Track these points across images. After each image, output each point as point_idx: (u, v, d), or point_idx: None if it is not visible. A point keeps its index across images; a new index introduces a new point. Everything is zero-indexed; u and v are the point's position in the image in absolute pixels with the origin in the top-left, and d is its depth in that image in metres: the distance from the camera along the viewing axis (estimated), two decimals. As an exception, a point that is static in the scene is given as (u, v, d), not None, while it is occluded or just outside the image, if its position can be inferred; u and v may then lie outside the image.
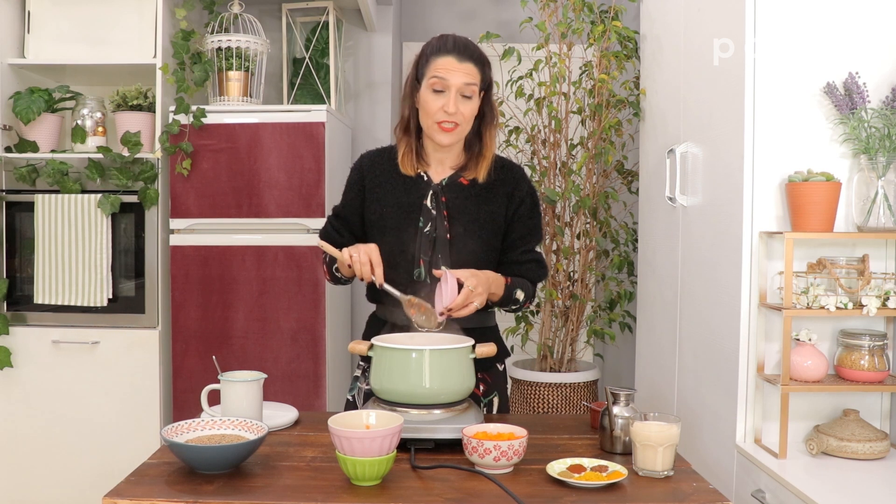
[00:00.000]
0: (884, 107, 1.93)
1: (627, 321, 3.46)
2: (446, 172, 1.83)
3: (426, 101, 1.74)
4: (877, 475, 1.80)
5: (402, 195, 1.81)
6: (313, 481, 1.35)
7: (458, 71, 1.72)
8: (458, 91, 1.73)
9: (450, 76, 1.72)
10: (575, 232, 3.47)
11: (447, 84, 1.72)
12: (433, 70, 1.74)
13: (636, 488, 1.35)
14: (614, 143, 3.40)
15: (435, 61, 1.74)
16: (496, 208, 1.82)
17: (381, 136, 3.66)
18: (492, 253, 1.83)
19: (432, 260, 1.76)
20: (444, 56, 1.74)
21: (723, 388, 2.13)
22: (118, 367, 2.92)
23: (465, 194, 1.81)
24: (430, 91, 1.74)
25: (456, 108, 1.72)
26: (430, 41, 1.79)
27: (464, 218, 1.79)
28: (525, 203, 1.85)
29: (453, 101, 1.72)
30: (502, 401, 1.89)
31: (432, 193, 1.80)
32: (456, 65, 1.73)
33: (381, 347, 1.57)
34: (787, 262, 1.89)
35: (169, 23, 3.01)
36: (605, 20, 3.34)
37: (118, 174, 2.88)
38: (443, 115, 1.73)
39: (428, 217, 1.78)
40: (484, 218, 1.81)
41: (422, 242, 1.77)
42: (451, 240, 1.78)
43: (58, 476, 2.93)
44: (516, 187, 1.85)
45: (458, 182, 1.82)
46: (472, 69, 1.74)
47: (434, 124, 1.75)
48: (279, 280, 2.95)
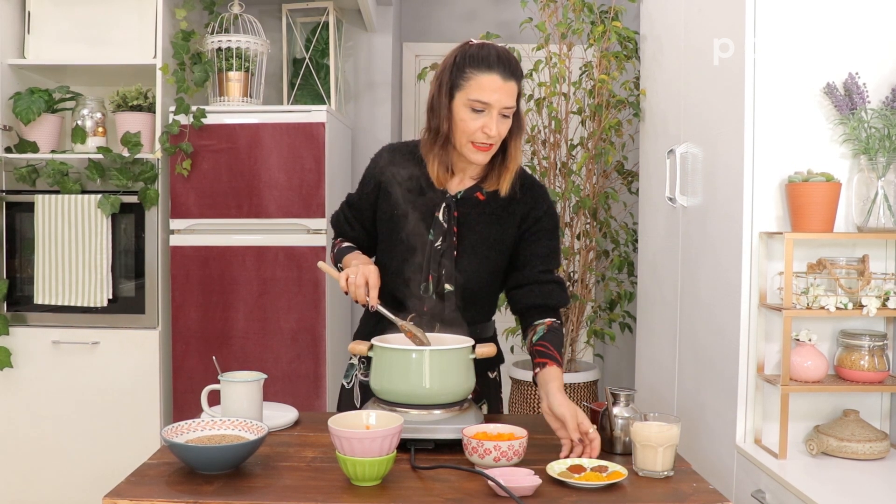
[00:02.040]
0: (884, 107, 1.93)
1: (627, 321, 3.46)
2: (466, 183, 1.74)
3: (463, 120, 1.61)
4: (877, 475, 1.80)
5: (417, 202, 1.72)
6: (313, 482, 1.35)
7: (502, 91, 1.59)
8: (499, 112, 1.61)
9: (493, 98, 1.59)
10: (575, 232, 3.47)
11: (489, 106, 1.59)
12: (475, 88, 1.59)
13: (636, 489, 1.35)
14: (614, 143, 3.40)
15: (477, 77, 1.59)
16: (507, 229, 1.74)
17: (382, 136, 3.66)
18: (496, 275, 1.76)
19: (439, 275, 1.70)
20: (487, 73, 1.59)
21: (723, 388, 2.13)
22: (118, 368, 2.92)
23: (478, 210, 1.73)
24: (468, 109, 1.60)
25: (497, 131, 1.61)
26: (469, 50, 1.63)
27: (473, 236, 1.72)
28: (542, 222, 1.75)
29: (495, 124, 1.60)
30: (493, 409, 1.85)
31: (445, 206, 1.71)
32: (500, 84, 1.59)
33: (381, 348, 1.57)
34: (787, 263, 1.89)
35: (169, 23, 3.01)
36: (605, 20, 3.34)
37: (118, 174, 2.88)
38: (481, 136, 1.61)
39: (439, 230, 1.71)
40: (493, 238, 1.73)
41: (432, 256, 1.70)
42: (457, 256, 1.71)
43: (58, 476, 2.93)
44: (533, 207, 1.75)
45: (474, 197, 1.73)
46: (514, 88, 1.61)
47: (469, 143, 1.63)
48: (279, 280, 2.95)
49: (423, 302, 1.70)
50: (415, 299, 1.70)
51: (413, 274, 1.71)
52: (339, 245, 1.83)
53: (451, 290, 1.70)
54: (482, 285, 1.74)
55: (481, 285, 1.73)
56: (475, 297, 1.74)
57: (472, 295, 1.73)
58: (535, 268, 1.73)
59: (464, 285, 1.70)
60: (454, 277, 1.70)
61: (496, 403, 1.88)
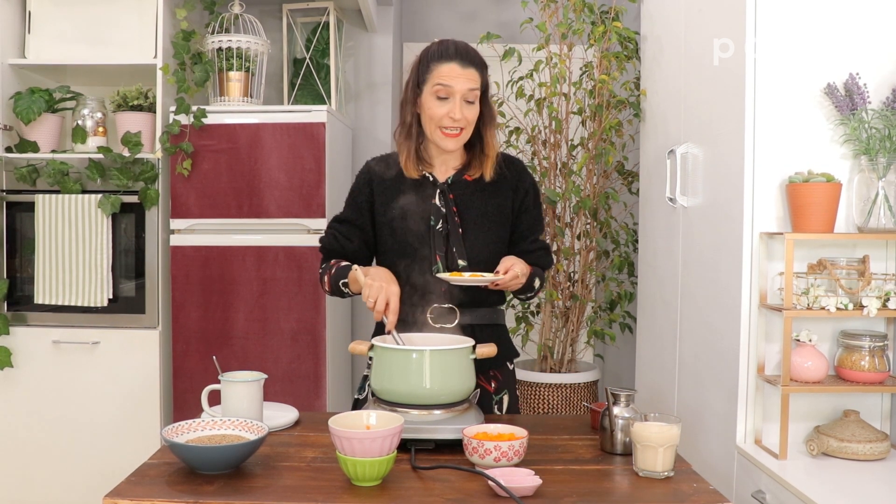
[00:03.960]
0: (884, 108, 1.93)
1: (628, 322, 3.46)
2: (450, 172, 1.86)
3: (430, 108, 1.76)
4: (877, 476, 1.80)
5: (412, 197, 1.82)
6: (313, 482, 1.35)
7: (462, 77, 1.74)
8: (462, 97, 1.74)
9: (454, 83, 1.73)
10: (575, 232, 3.47)
11: (451, 91, 1.74)
12: (436, 77, 1.74)
13: (636, 489, 1.35)
14: (615, 143, 3.40)
15: (438, 68, 1.75)
16: (503, 201, 1.85)
17: (382, 136, 3.66)
18: (502, 245, 1.86)
19: (448, 255, 1.78)
20: (446, 63, 1.74)
21: (723, 388, 2.13)
22: (118, 368, 2.92)
23: (471, 190, 1.84)
24: (433, 98, 1.75)
25: (461, 114, 1.74)
26: (430, 47, 1.80)
27: (473, 212, 1.83)
28: (529, 195, 1.89)
29: (458, 108, 1.74)
30: (512, 400, 1.91)
31: (440, 192, 1.82)
32: (459, 71, 1.74)
33: (382, 348, 1.57)
34: (787, 263, 1.89)
35: (169, 23, 3.01)
36: (605, 21, 3.34)
37: (119, 174, 2.88)
38: (448, 121, 1.75)
39: (439, 215, 1.80)
40: (492, 211, 1.84)
41: (435, 239, 1.79)
42: (464, 234, 1.80)
43: (58, 476, 2.93)
44: (520, 180, 1.89)
45: (464, 179, 1.85)
46: (474, 74, 1.76)
47: (437, 130, 1.77)
48: (279, 280, 2.95)
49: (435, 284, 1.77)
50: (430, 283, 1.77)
51: (420, 260, 1.78)
52: (336, 265, 1.84)
53: (465, 266, 1.79)
54: (492, 255, 1.81)
55: (490, 255, 1.81)
56: (489, 269, 1.81)
57: (486, 268, 1.80)
58: (525, 239, 1.89)
59: (477, 258, 1.79)
60: (464, 253, 1.79)
61: (514, 395, 1.92)
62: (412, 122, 1.81)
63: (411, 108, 1.81)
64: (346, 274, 1.79)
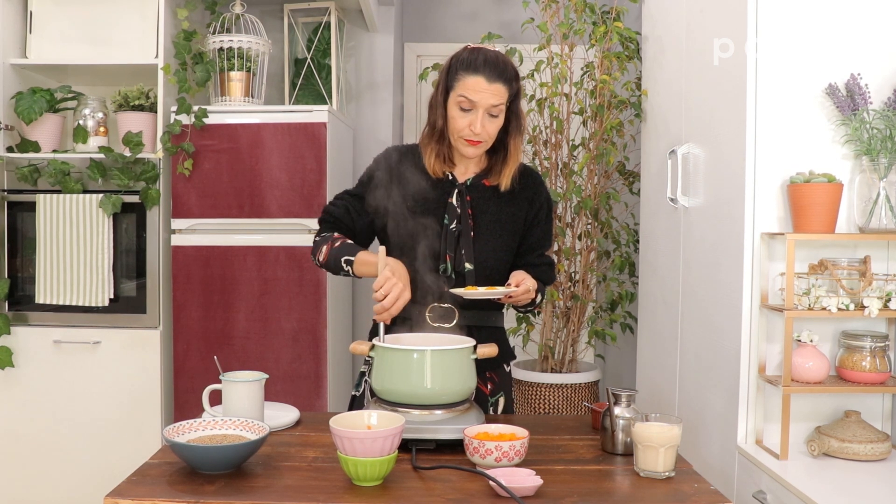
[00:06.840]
0: (886, 108, 1.93)
1: (629, 322, 3.46)
2: (471, 173, 1.86)
3: (453, 117, 1.75)
4: (878, 476, 1.80)
5: (429, 192, 1.82)
6: (314, 482, 1.35)
7: (487, 92, 1.71)
8: (485, 111, 1.72)
9: (478, 98, 1.71)
10: (576, 233, 3.47)
11: (475, 105, 1.72)
12: (461, 88, 1.72)
13: (637, 489, 1.35)
14: (616, 143, 3.40)
15: (464, 79, 1.72)
16: (517, 211, 1.85)
17: (383, 136, 3.66)
18: (509, 253, 1.86)
19: (456, 256, 1.78)
20: (473, 75, 1.71)
21: (724, 389, 2.13)
22: (119, 367, 2.92)
23: (488, 195, 1.84)
24: (457, 107, 1.73)
25: (482, 128, 1.73)
26: (461, 53, 1.76)
27: (487, 217, 1.82)
28: (543, 209, 1.89)
29: (480, 122, 1.72)
30: (507, 402, 1.91)
31: (457, 192, 1.82)
32: (485, 86, 1.70)
33: (383, 348, 1.57)
34: (788, 264, 1.89)
35: (171, 23, 3.01)
36: (606, 21, 3.34)
37: (120, 174, 2.88)
38: (469, 132, 1.74)
39: (453, 214, 1.81)
40: (506, 219, 1.84)
41: (447, 238, 1.79)
42: (475, 237, 1.80)
43: (59, 476, 2.93)
44: (536, 193, 1.88)
45: (482, 183, 1.85)
46: (500, 89, 1.72)
47: (460, 139, 1.76)
48: (280, 280, 2.95)
49: (446, 282, 1.77)
50: (434, 281, 1.76)
51: (430, 257, 1.78)
52: (342, 240, 1.81)
53: (471, 269, 1.79)
54: (499, 263, 1.82)
55: (498, 263, 1.82)
56: (492, 276, 1.81)
57: (490, 273, 1.80)
58: (533, 252, 1.89)
59: (483, 263, 1.79)
60: (473, 257, 1.79)
61: (510, 397, 1.93)
62: (443, 126, 1.78)
63: (442, 111, 1.77)
64: (353, 253, 1.76)
